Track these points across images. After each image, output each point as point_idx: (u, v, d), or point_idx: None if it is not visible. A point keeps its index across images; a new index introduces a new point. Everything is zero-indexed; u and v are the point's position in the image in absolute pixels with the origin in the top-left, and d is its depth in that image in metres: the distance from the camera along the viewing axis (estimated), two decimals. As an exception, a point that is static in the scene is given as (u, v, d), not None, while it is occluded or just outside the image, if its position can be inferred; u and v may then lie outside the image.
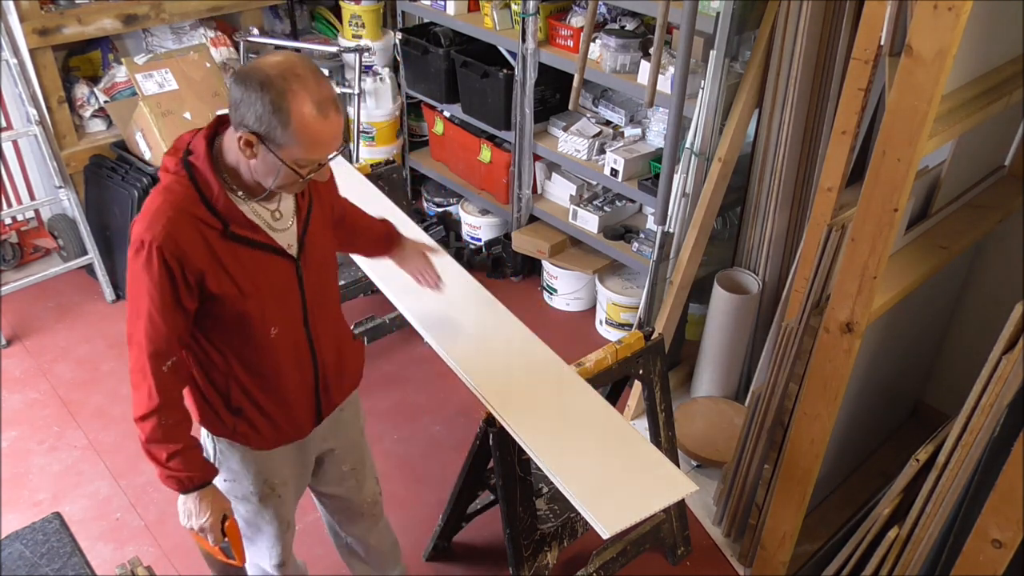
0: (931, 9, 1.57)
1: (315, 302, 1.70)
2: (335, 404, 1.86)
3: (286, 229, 1.62)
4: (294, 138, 1.40)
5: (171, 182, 1.50)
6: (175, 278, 1.48)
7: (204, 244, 1.49)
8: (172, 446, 1.57)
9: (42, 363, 3.31)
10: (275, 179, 1.48)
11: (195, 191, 1.49)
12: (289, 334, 1.66)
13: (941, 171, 2.23)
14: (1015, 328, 1.69)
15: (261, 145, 1.42)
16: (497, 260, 3.90)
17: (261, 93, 1.37)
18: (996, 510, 1.71)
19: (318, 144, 1.44)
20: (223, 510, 1.69)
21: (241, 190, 1.53)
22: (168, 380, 1.55)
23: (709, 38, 2.64)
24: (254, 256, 1.56)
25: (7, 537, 1.66)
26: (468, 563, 2.58)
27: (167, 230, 1.45)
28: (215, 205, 1.50)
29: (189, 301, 1.52)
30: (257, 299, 1.58)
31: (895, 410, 2.91)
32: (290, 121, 1.39)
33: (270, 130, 1.40)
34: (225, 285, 1.53)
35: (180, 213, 1.47)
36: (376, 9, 3.99)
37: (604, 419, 1.97)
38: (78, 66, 3.76)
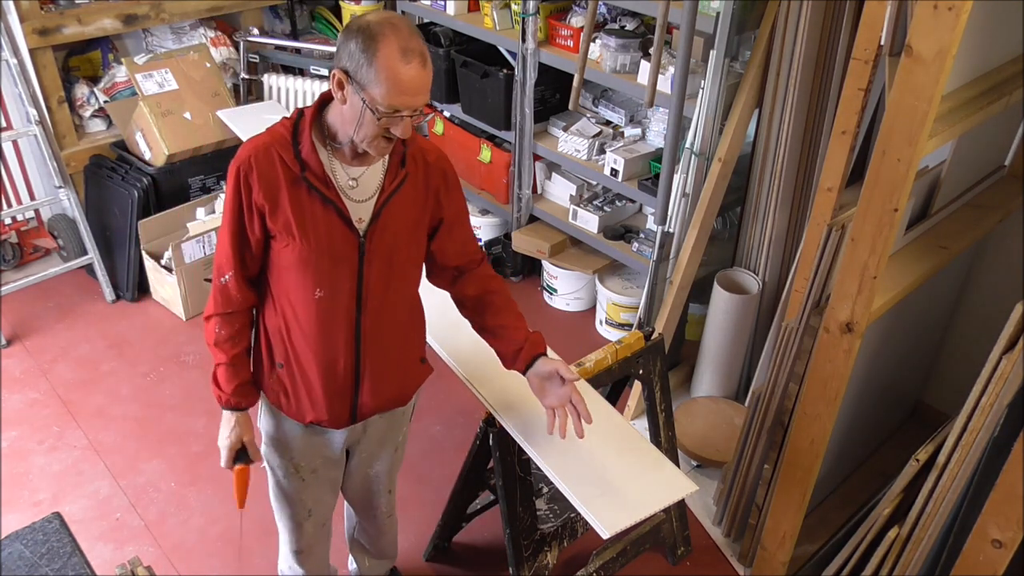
0: (931, 9, 1.57)
1: (375, 289, 1.68)
2: (374, 410, 1.82)
3: (362, 201, 1.63)
4: (376, 77, 1.45)
5: (280, 124, 1.62)
6: (243, 201, 1.60)
7: (277, 181, 1.58)
8: (219, 355, 1.72)
9: (42, 363, 3.31)
10: (358, 125, 1.52)
11: (291, 136, 1.59)
12: (335, 305, 1.67)
13: (941, 171, 2.23)
14: (1015, 328, 1.69)
15: (349, 85, 1.49)
16: (497, 260, 3.90)
17: (357, 35, 1.46)
18: (996, 510, 1.71)
19: (398, 87, 1.46)
20: (244, 442, 1.78)
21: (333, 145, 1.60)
22: (227, 294, 1.68)
23: (709, 38, 2.64)
24: (319, 211, 1.60)
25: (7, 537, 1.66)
26: (468, 563, 2.58)
27: (250, 157, 1.58)
28: (300, 150, 1.58)
29: (251, 230, 1.62)
30: (310, 251, 1.61)
31: (895, 410, 2.91)
32: (375, 59, 1.44)
33: (358, 67, 1.46)
34: (281, 224, 1.60)
35: (268, 148, 1.58)
36: (376, 9, 3.99)
37: (604, 419, 1.97)
38: (78, 66, 3.76)
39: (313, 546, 2.03)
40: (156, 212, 3.54)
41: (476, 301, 1.83)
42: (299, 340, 1.70)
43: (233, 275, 1.66)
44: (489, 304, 1.82)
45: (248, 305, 1.72)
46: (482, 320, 1.83)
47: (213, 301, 1.70)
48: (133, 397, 3.16)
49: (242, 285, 1.68)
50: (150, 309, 3.63)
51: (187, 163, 3.63)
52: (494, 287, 1.83)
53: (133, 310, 3.62)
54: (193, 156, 3.65)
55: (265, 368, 1.78)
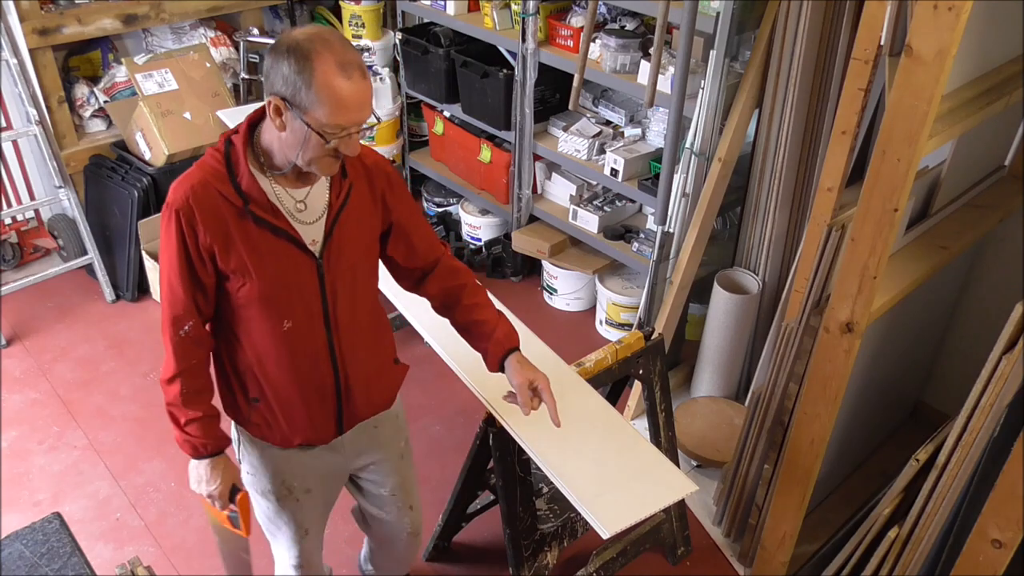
0: (931, 9, 1.57)
1: (342, 307, 1.65)
2: (360, 417, 1.80)
3: (312, 223, 1.58)
4: (317, 98, 1.39)
5: (208, 156, 1.54)
6: (188, 246, 1.52)
7: (221, 219, 1.51)
8: (191, 412, 1.63)
9: (42, 363, 3.31)
10: (302, 149, 1.46)
11: (225, 167, 1.52)
12: (306, 332, 1.63)
13: (941, 171, 2.23)
14: (1015, 328, 1.69)
15: (288, 111, 1.42)
16: (497, 260, 3.90)
17: (287, 56, 1.39)
18: (996, 510, 1.71)
19: (341, 105, 1.40)
20: (233, 480, 1.73)
21: (273, 172, 1.54)
22: (187, 346, 1.60)
23: (709, 38, 2.64)
24: (271, 242, 1.54)
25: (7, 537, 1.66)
26: (468, 563, 2.58)
27: (187, 197, 1.50)
28: (239, 182, 1.51)
29: (204, 274, 1.55)
30: (269, 287, 1.56)
31: (895, 410, 2.91)
32: (313, 80, 1.38)
33: (295, 92, 1.39)
34: (235, 264, 1.53)
35: (205, 185, 1.50)
36: (376, 9, 3.99)
37: (604, 419, 1.97)
38: (78, 66, 3.76)
39: (311, 556, 2.01)
40: (156, 212, 3.54)
41: (443, 298, 1.80)
42: (274, 372, 1.65)
43: (193, 324, 1.59)
44: (456, 300, 1.78)
45: (208, 350, 1.66)
46: (453, 318, 1.81)
47: (174, 359, 1.60)
48: (133, 397, 3.16)
49: (201, 331, 1.61)
50: (150, 309, 3.63)
51: (187, 163, 3.59)
52: (459, 281, 1.79)
53: (133, 310, 3.62)
54: (193, 156, 3.65)
55: (241, 404, 1.73)
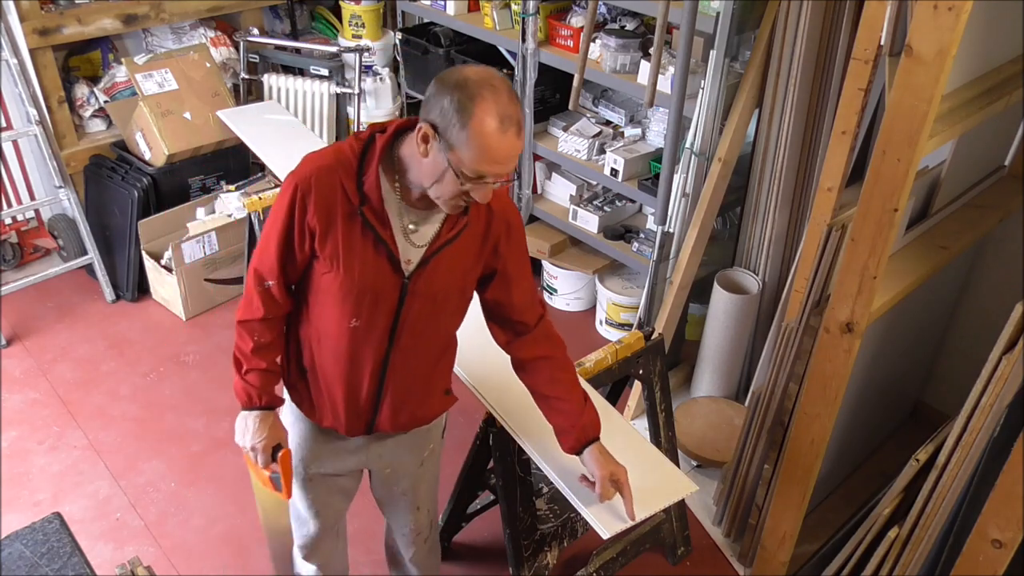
0: (931, 9, 1.57)
1: (411, 330, 1.65)
2: (384, 429, 1.80)
3: (416, 246, 1.59)
4: (467, 141, 1.38)
5: (347, 145, 1.55)
6: (295, 217, 1.54)
7: (332, 208, 1.52)
8: (255, 361, 1.67)
9: (42, 363, 3.31)
10: (437, 182, 1.46)
11: (357, 163, 1.53)
12: (368, 338, 1.64)
13: (941, 171, 2.23)
14: (1015, 328, 1.69)
15: (435, 141, 1.42)
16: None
17: (453, 91, 1.39)
18: (996, 510, 1.71)
19: (488, 155, 1.40)
20: (279, 439, 1.72)
21: (401, 186, 1.55)
22: (265, 300, 1.63)
23: (709, 38, 2.64)
24: (369, 247, 1.55)
25: (7, 537, 1.66)
26: (468, 563, 2.58)
27: (311, 176, 1.52)
28: (363, 180, 1.52)
29: (299, 248, 1.57)
30: (351, 284, 1.57)
31: (895, 410, 2.91)
32: (469, 122, 1.37)
33: (448, 126, 1.39)
34: (329, 251, 1.55)
35: (331, 171, 1.52)
36: (376, 9, 3.99)
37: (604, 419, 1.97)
38: (78, 66, 3.76)
39: (319, 544, 2.03)
40: (156, 212, 3.54)
41: (532, 363, 1.78)
42: (328, 357, 1.68)
43: (276, 284, 1.63)
44: (544, 369, 1.77)
45: (286, 312, 1.69)
46: (536, 386, 1.79)
47: (250, 305, 1.65)
48: (133, 397, 3.16)
49: (283, 293, 1.65)
50: (150, 309, 3.63)
51: (187, 163, 3.63)
52: (548, 352, 1.77)
53: (133, 310, 3.62)
54: (193, 156, 3.65)
55: (291, 370, 1.77)
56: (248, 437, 1.70)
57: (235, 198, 3.53)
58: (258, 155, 3.27)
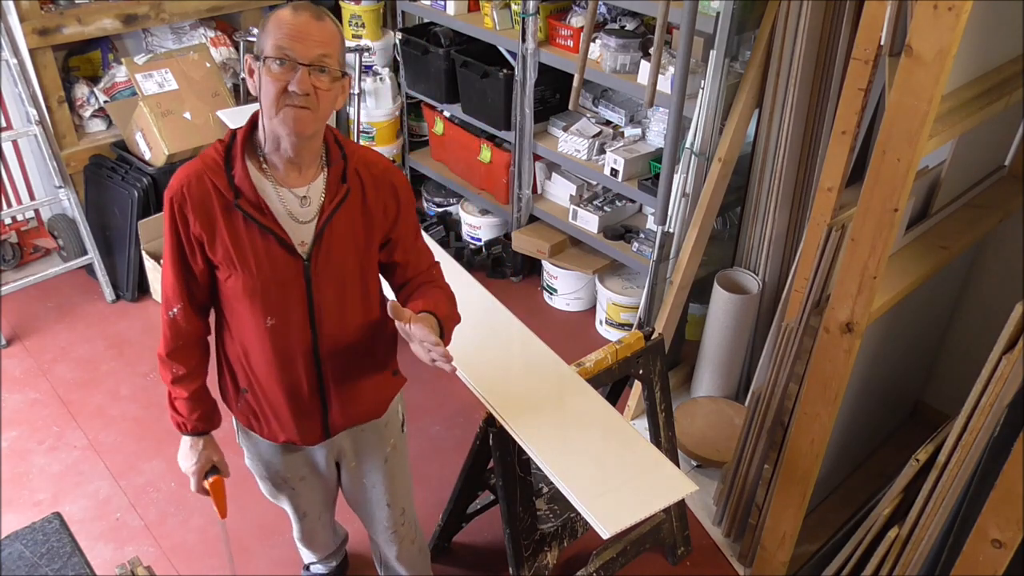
0: (931, 9, 1.57)
1: (328, 311, 1.64)
2: (347, 424, 1.80)
3: (306, 222, 1.58)
4: (266, 33, 1.45)
5: (211, 148, 1.58)
6: (180, 233, 1.56)
7: (210, 210, 1.54)
8: (177, 391, 1.71)
9: (42, 363, 3.31)
10: (263, 95, 1.46)
11: (223, 161, 1.55)
12: (288, 332, 1.63)
13: (941, 171, 2.23)
14: (1015, 328, 1.69)
15: (254, 64, 1.47)
16: (497, 260, 3.90)
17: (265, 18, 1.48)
18: (996, 510, 1.71)
19: (283, 31, 1.43)
20: (213, 461, 1.78)
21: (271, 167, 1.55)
22: (176, 328, 1.65)
23: (709, 38, 2.64)
24: (257, 238, 1.55)
25: (7, 537, 1.66)
26: (468, 563, 2.58)
27: (182, 185, 1.54)
28: (233, 175, 1.54)
29: (194, 261, 1.59)
30: (253, 281, 1.57)
31: (895, 410, 2.91)
32: (268, 21, 1.45)
33: (258, 42, 1.47)
34: (221, 255, 1.56)
35: (199, 176, 1.54)
36: (376, 9, 3.99)
37: (604, 419, 1.97)
38: (78, 66, 3.76)
39: (315, 533, 2.06)
40: (156, 212, 3.54)
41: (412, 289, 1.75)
42: (259, 366, 1.68)
43: (181, 308, 1.64)
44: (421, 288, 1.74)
45: (200, 335, 1.70)
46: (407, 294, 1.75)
47: (164, 339, 1.68)
48: (133, 397, 3.16)
49: (191, 316, 1.65)
50: (150, 309, 3.63)
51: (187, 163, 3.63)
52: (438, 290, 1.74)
53: (133, 310, 3.62)
54: (193, 156, 3.63)
55: (230, 393, 1.78)
56: (181, 462, 1.79)
57: (235, 198, 3.53)
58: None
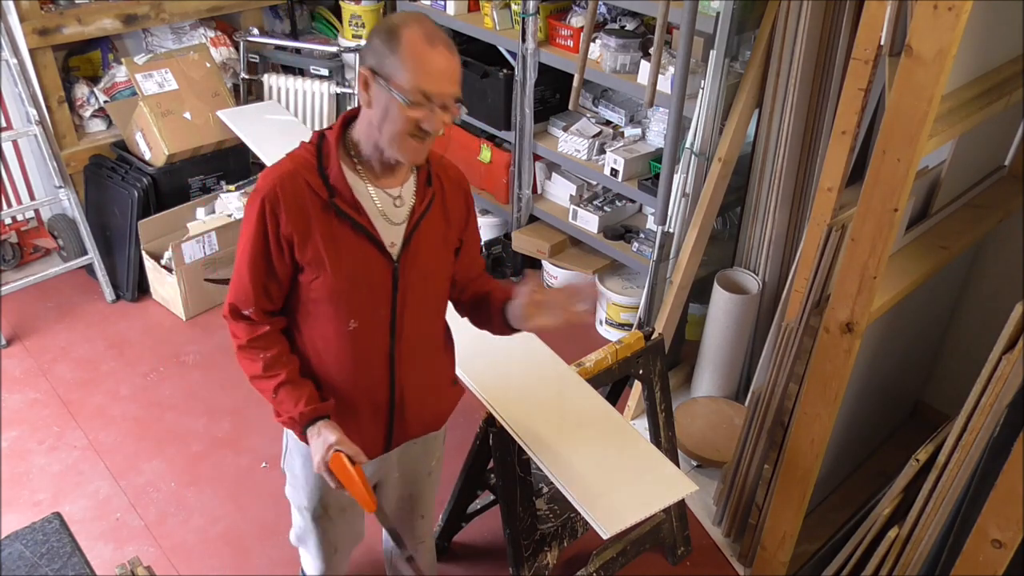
0: (931, 9, 1.57)
1: (410, 316, 1.62)
2: (410, 435, 1.77)
3: (397, 224, 1.56)
4: (401, 63, 1.41)
5: (301, 148, 1.55)
6: (268, 234, 1.51)
7: (304, 209, 1.50)
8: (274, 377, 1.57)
9: (42, 363, 3.31)
10: (385, 122, 1.44)
11: (315, 159, 1.52)
12: (370, 336, 1.60)
13: (941, 171, 2.23)
14: (1015, 328, 1.69)
15: (375, 82, 1.43)
16: (497, 260, 3.90)
17: (379, 33, 1.44)
18: (996, 510, 1.71)
19: (424, 68, 1.41)
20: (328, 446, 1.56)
21: (362, 165, 1.54)
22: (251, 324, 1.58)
23: (709, 38, 2.64)
24: (350, 238, 1.53)
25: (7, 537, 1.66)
26: (468, 563, 2.58)
27: (275, 185, 1.49)
28: (327, 173, 1.51)
29: (280, 263, 1.54)
30: (342, 282, 1.54)
31: (895, 410, 2.91)
32: (399, 46, 1.40)
33: (382, 61, 1.42)
34: (310, 256, 1.52)
35: (293, 174, 1.50)
36: (376, 9, 3.99)
37: (604, 419, 1.97)
38: (78, 66, 3.76)
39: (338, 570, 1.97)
40: (156, 212, 3.54)
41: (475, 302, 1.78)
42: (334, 371, 1.62)
43: (254, 311, 1.57)
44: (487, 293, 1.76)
45: (278, 328, 1.61)
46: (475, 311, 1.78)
47: (240, 330, 1.58)
48: (133, 397, 3.16)
49: (263, 318, 1.59)
50: (150, 309, 3.63)
51: (187, 163, 3.63)
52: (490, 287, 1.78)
53: (133, 310, 3.62)
54: (193, 156, 3.65)
55: None
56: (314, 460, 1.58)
57: (235, 198, 3.54)
58: (258, 155, 3.27)
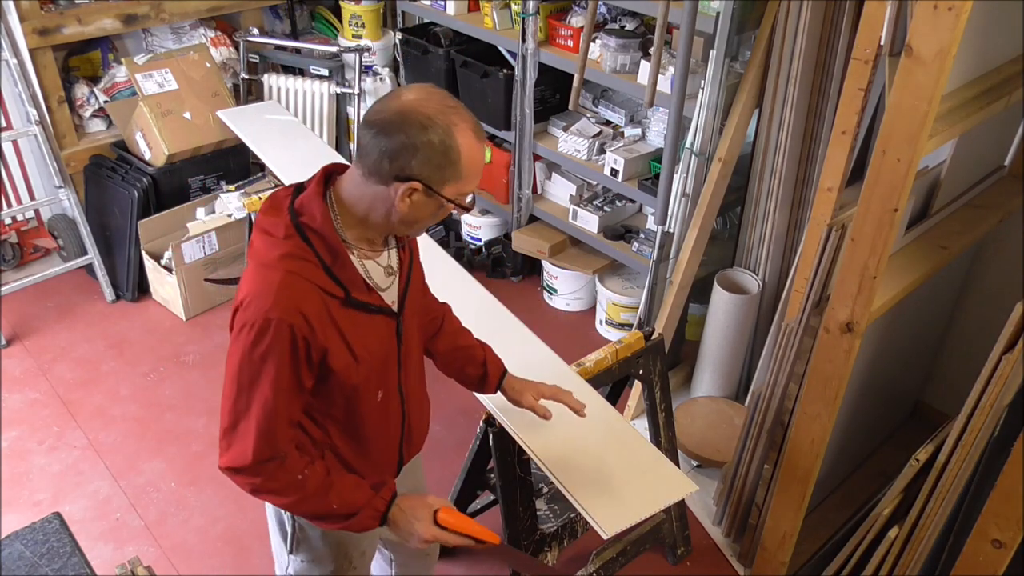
0: (931, 9, 1.57)
1: (407, 359, 1.61)
2: (413, 454, 1.76)
3: (391, 287, 1.51)
4: (462, 174, 1.33)
5: (289, 249, 1.35)
6: (300, 360, 1.35)
7: (328, 316, 1.37)
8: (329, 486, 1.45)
9: (42, 363, 3.31)
10: (420, 223, 1.40)
11: (315, 257, 1.36)
12: (390, 395, 1.58)
13: (941, 171, 2.23)
14: (1015, 328, 1.69)
15: (421, 192, 1.33)
16: (497, 260, 3.90)
17: (427, 133, 1.29)
18: (996, 510, 1.71)
19: (477, 173, 1.37)
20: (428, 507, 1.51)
21: (358, 246, 1.42)
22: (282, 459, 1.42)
23: (709, 38, 2.64)
24: (367, 322, 1.45)
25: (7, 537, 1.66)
26: (468, 563, 2.58)
27: (298, 305, 1.32)
28: (337, 272, 1.38)
29: (308, 381, 1.40)
30: (368, 365, 1.47)
31: (895, 410, 2.91)
32: (459, 159, 1.31)
33: (436, 171, 1.31)
34: (343, 358, 1.41)
35: (306, 284, 1.34)
36: (376, 9, 3.99)
37: (604, 419, 1.97)
38: (78, 66, 3.76)
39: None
40: (156, 212, 3.54)
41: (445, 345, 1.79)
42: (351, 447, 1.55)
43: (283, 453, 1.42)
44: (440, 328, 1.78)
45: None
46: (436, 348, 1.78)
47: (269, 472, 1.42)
48: (133, 397, 3.16)
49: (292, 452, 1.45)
50: (150, 309, 3.63)
51: (187, 163, 3.63)
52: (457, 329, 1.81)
53: (133, 310, 3.62)
54: (193, 156, 3.65)
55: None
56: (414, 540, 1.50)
57: (235, 198, 3.54)
58: (258, 155, 3.27)
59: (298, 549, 1.71)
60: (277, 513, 1.70)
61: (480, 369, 1.78)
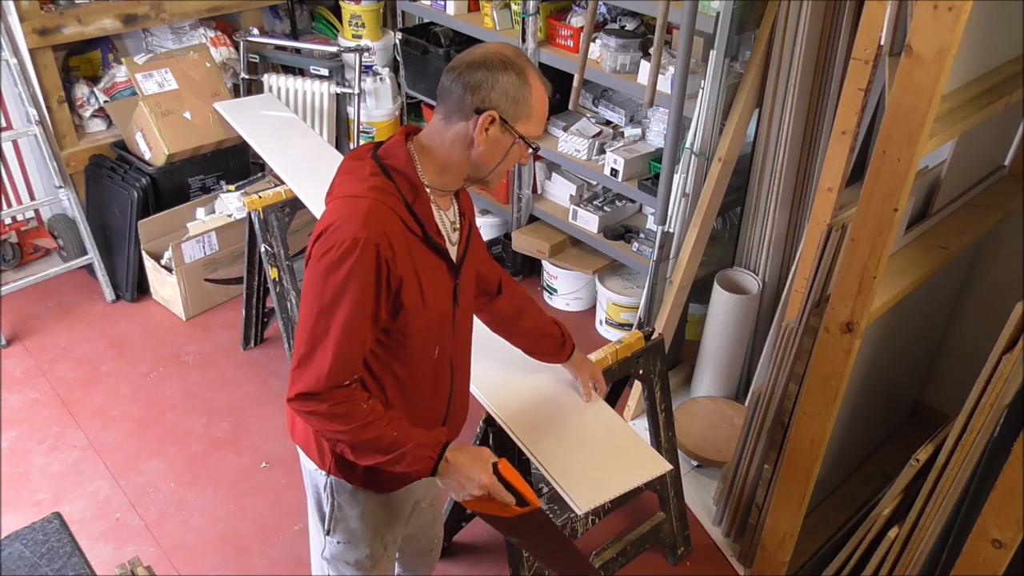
0: (931, 9, 1.57)
1: (460, 326, 1.61)
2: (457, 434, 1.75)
3: (455, 244, 1.55)
4: (532, 111, 1.44)
5: (376, 183, 1.42)
6: (381, 283, 1.39)
7: (408, 249, 1.43)
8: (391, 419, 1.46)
9: (42, 363, 3.31)
10: (503, 161, 1.47)
11: (398, 192, 1.43)
12: (444, 356, 1.58)
13: (941, 171, 2.23)
14: (1015, 328, 1.69)
15: (498, 124, 1.42)
16: (497, 260, 3.89)
17: (506, 71, 1.40)
18: (996, 510, 1.71)
19: (544, 118, 1.47)
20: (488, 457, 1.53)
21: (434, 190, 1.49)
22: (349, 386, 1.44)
23: (709, 38, 2.64)
24: (436, 268, 1.49)
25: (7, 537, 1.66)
26: (468, 563, 2.58)
27: (384, 228, 1.38)
28: (417, 209, 1.44)
29: (384, 311, 1.43)
30: (432, 311, 1.50)
31: (895, 410, 2.91)
32: (531, 95, 1.42)
33: (513, 105, 1.41)
34: (415, 295, 1.45)
35: (392, 213, 1.41)
36: (376, 9, 3.99)
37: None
38: (78, 66, 3.76)
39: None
40: (156, 212, 3.54)
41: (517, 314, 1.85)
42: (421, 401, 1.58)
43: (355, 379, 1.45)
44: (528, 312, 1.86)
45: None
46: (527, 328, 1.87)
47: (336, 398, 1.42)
48: (133, 397, 3.16)
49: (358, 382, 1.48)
50: (150, 309, 3.63)
51: (187, 163, 3.63)
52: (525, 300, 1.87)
53: (133, 310, 3.62)
54: (193, 156, 3.65)
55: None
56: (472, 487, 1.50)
57: (235, 198, 3.53)
58: (255, 148, 3.24)
59: (335, 530, 1.72)
60: (316, 494, 1.70)
61: (560, 338, 1.90)
